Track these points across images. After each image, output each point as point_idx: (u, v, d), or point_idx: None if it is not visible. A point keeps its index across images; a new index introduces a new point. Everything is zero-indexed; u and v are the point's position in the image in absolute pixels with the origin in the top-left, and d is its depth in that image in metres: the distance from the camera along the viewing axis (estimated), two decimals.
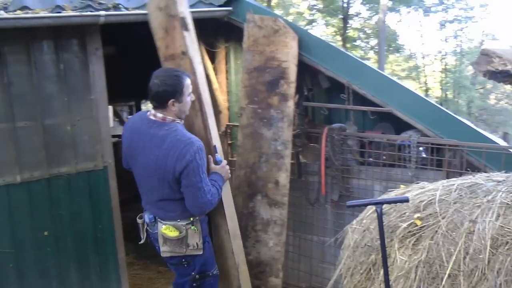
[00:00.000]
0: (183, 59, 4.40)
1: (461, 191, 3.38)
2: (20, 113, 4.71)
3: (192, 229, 3.89)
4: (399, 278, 3.24)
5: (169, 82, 3.75)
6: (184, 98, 3.84)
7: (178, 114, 3.90)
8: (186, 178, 3.70)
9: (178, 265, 4.05)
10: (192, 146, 3.68)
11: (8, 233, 4.75)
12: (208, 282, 4.11)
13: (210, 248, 4.14)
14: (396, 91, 4.93)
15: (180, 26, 4.36)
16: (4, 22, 4.30)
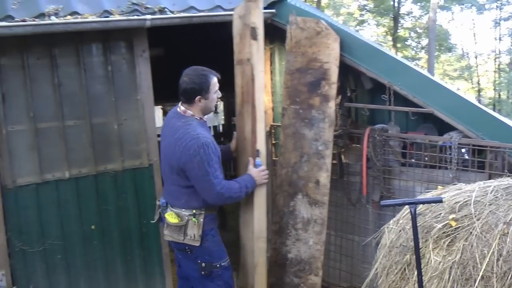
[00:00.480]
0: (247, 65, 4.64)
1: (497, 192, 3.39)
2: (69, 112, 4.95)
3: (193, 220, 4.11)
4: (433, 279, 3.28)
5: (197, 80, 4.04)
6: (210, 95, 4.12)
7: (204, 110, 4.20)
8: (192, 172, 3.97)
9: (182, 251, 4.27)
10: (198, 141, 3.91)
11: (57, 226, 4.98)
12: (217, 273, 4.25)
13: (216, 242, 4.28)
14: (437, 92, 4.91)
15: (249, 35, 4.60)
16: (55, 27, 4.53)
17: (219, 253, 4.30)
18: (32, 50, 4.74)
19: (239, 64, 4.81)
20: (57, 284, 5.06)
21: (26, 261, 4.89)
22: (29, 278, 4.92)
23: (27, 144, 4.80)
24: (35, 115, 4.79)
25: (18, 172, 4.79)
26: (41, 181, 4.88)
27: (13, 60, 4.69)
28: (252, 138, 4.57)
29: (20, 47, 4.68)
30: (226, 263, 4.33)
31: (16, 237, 4.81)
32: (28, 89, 4.75)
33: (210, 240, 4.21)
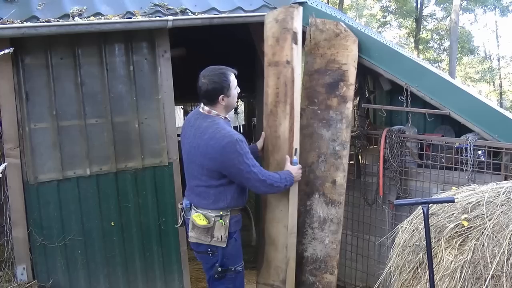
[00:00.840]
0: (286, 67, 4.77)
1: (509, 193, 3.43)
2: (92, 111, 5.05)
3: (220, 222, 4.12)
4: (444, 277, 3.32)
5: (217, 79, 4.05)
6: (231, 92, 4.14)
7: (227, 108, 4.22)
8: (232, 169, 4.01)
9: (203, 254, 4.28)
10: (232, 139, 3.94)
11: (78, 222, 5.08)
12: (230, 276, 4.28)
13: (236, 246, 4.30)
14: (453, 94, 4.94)
15: (291, 39, 4.75)
16: (79, 27, 4.62)
17: (236, 257, 4.34)
18: (56, 50, 4.84)
19: (273, 65, 4.94)
20: (77, 279, 5.15)
21: (47, 256, 4.99)
22: (50, 272, 5.01)
23: (50, 142, 4.90)
24: (57, 113, 4.89)
25: (40, 169, 4.89)
26: (62, 178, 4.98)
27: (37, 59, 4.79)
28: (289, 136, 4.71)
29: (45, 46, 4.78)
30: (240, 268, 4.37)
31: (37, 232, 4.91)
32: (51, 88, 4.85)
33: (232, 243, 4.23)
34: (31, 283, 4.87)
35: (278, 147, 4.84)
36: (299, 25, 4.83)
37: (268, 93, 4.97)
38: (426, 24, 32.46)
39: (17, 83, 4.73)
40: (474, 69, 35.50)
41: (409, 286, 3.60)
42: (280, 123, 4.82)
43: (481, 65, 35.46)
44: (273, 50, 4.96)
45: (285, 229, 4.79)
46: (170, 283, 5.65)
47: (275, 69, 4.92)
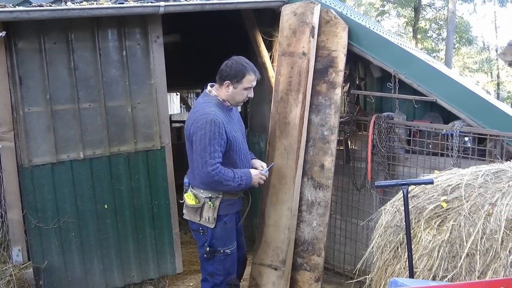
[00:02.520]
0: (302, 58, 5.07)
1: (487, 176, 3.52)
2: (85, 95, 5.11)
3: (209, 203, 4.26)
4: (423, 256, 3.42)
5: (234, 67, 4.21)
6: (239, 86, 4.24)
7: (229, 98, 4.31)
8: (194, 144, 4.10)
9: (196, 232, 4.45)
10: (208, 117, 4.04)
11: (72, 205, 5.17)
12: (219, 258, 4.40)
13: (227, 229, 4.40)
14: (440, 81, 5.03)
15: (309, 32, 5.06)
16: (71, 12, 4.67)
17: (226, 240, 4.43)
18: (49, 35, 4.89)
19: (288, 55, 5.18)
20: (71, 260, 5.24)
21: (42, 238, 5.07)
22: (44, 254, 5.09)
23: (44, 125, 4.96)
24: (51, 97, 4.95)
25: (35, 152, 4.95)
26: (56, 161, 5.05)
27: (30, 43, 4.83)
28: (300, 124, 4.99)
29: (38, 31, 4.83)
30: (230, 251, 4.46)
31: (32, 215, 4.98)
32: (45, 72, 4.90)
33: (221, 226, 4.35)
34: (26, 264, 4.94)
35: (287, 133, 5.05)
36: (317, 20, 5.12)
37: (280, 81, 5.16)
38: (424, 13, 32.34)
39: (10, 67, 4.76)
40: (472, 59, 35.43)
41: (390, 265, 3.70)
42: (291, 110, 5.06)
43: (479, 55, 35.40)
44: (289, 41, 5.20)
45: (288, 211, 5.02)
46: (162, 264, 5.76)
47: (289, 59, 5.15)
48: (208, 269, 4.47)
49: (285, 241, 5.02)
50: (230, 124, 4.27)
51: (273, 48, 6.43)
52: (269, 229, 5.09)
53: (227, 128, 4.16)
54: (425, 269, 3.40)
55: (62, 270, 5.21)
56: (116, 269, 5.51)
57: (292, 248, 5.08)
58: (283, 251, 5.02)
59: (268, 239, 5.13)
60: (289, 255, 5.04)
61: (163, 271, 5.80)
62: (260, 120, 7.03)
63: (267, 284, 5.14)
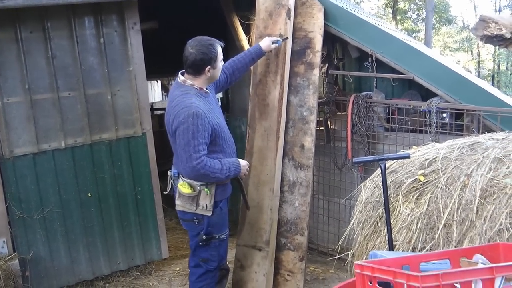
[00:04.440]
0: None
1: (463, 149, 3.58)
2: (64, 84, 5.10)
3: (205, 190, 4.16)
4: (402, 229, 3.49)
5: (205, 50, 4.06)
6: (217, 64, 4.18)
7: (210, 79, 4.26)
8: (177, 139, 4.01)
9: (189, 222, 4.34)
10: (189, 110, 3.92)
11: (55, 194, 5.17)
12: (214, 244, 4.38)
13: (222, 214, 4.37)
14: (417, 59, 5.08)
15: (285, 14, 5.09)
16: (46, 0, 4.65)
17: (221, 225, 4.42)
18: (25, 24, 4.85)
19: None
20: (57, 250, 5.26)
21: (26, 229, 5.07)
22: (30, 245, 5.10)
23: (24, 116, 4.95)
24: (30, 87, 4.93)
25: (15, 143, 4.93)
26: (38, 151, 5.04)
27: (6, 33, 4.80)
28: (279, 105, 5.03)
29: (13, 20, 4.79)
30: (225, 236, 4.47)
31: (15, 206, 4.98)
32: (22, 61, 4.87)
33: (217, 212, 4.30)
34: (11, 256, 4.93)
35: (266, 115, 5.10)
36: (293, 2, 5.15)
37: (257, 63, 5.14)
38: None
39: None
40: (452, 38, 35.61)
41: (370, 240, 3.78)
42: (270, 92, 5.09)
43: (459, 34, 35.57)
44: (265, 24, 5.22)
45: (270, 192, 5.06)
46: (148, 250, 5.80)
47: None
48: (202, 255, 4.43)
49: (268, 222, 5.07)
50: (212, 112, 4.18)
51: (251, 32, 6.45)
52: (252, 210, 5.11)
53: (209, 118, 4.07)
54: (404, 241, 3.47)
55: (48, 260, 5.22)
56: (102, 257, 5.54)
57: (276, 229, 5.13)
58: (267, 232, 5.07)
59: (251, 220, 5.18)
60: (273, 235, 5.09)
61: (149, 257, 5.85)
62: (241, 104, 7.07)
63: (252, 265, 5.19)
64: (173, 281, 5.83)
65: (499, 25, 3.90)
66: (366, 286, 2.38)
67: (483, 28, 4.02)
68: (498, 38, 3.95)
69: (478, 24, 4.11)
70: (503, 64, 32.39)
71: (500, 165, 3.31)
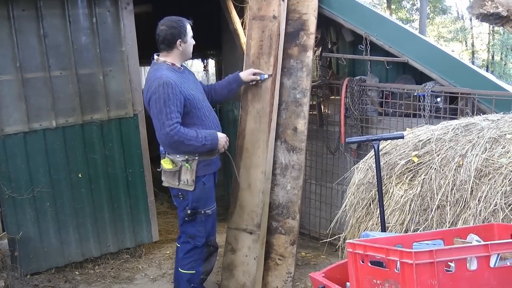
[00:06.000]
0: (272, 22, 5.04)
1: (457, 130, 3.57)
2: (56, 63, 5.06)
3: (186, 166, 4.29)
4: (395, 211, 3.48)
5: (175, 25, 4.28)
6: (187, 38, 4.35)
7: (183, 54, 4.42)
8: (150, 109, 4.17)
9: (176, 197, 4.50)
10: (159, 80, 4.08)
11: (46, 174, 5.13)
12: (200, 219, 4.47)
13: (205, 189, 4.45)
14: (411, 42, 5.06)
15: None
16: None
17: (207, 200, 4.49)
18: (17, 1, 4.79)
19: (258, 19, 5.14)
20: (46, 230, 5.23)
21: (16, 208, 5.03)
22: (19, 225, 5.06)
23: (15, 94, 4.90)
24: (21, 66, 4.88)
25: (6, 121, 4.89)
26: (28, 130, 4.99)
27: None
28: (272, 87, 4.98)
29: None
30: (211, 211, 4.53)
31: (5, 185, 4.94)
32: (14, 39, 4.82)
33: (200, 187, 4.39)
34: (0, 235, 4.90)
35: (259, 96, 5.04)
36: None
37: (251, 45, 5.13)
38: None
39: None
40: (446, 28, 35.58)
41: (362, 222, 3.76)
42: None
43: (453, 24, 35.57)
44: (259, 5, 5.15)
45: (262, 175, 5.02)
46: (138, 233, 5.78)
47: (260, 23, 5.12)
48: (189, 231, 4.52)
49: (259, 205, 5.03)
50: (186, 84, 4.30)
51: (245, 15, 6.40)
52: (244, 193, 5.10)
53: (182, 88, 4.19)
54: (397, 223, 3.46)
55: (38, 241, 5.19)
56: (92, 239, 5.51)
57: (267, 212, 5.10)
58: (258, 215, 5.04)
59: (242, 203, 5.15)
60: (264, 218, 5.06)
61: (139, 240, 5.83)
62: None
63: (242, 248, 5.16)
64: (163, 264, 5.81)
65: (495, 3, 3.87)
66: (358, 265, 2.37)
67: (479, 7, 4.00)
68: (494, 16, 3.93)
69: (474, 3, 4.08)
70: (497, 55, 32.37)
71: (495, 145, 3.30)
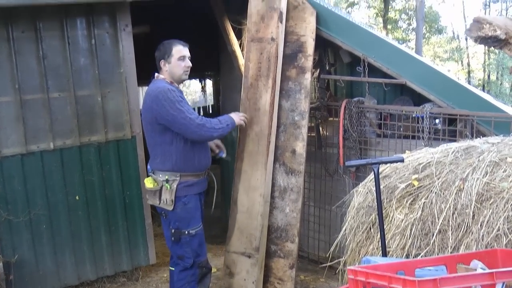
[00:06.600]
0: (270, 44, 5.05)
1: (457, 153, 3.55)
2: (54, 85, 5.05)
3: (166, 186, 4.38)
4: (395, 236, 3.45)
5: (160, 47, 4.47)
6: (172, 59, 4.43)
7: (170, 75, 4.48)
8: (168, 116, 4.23)
9: (161, 215, 4.59)
10: (163, 89, 4.23)
11: (43, 196, 5.09)
12: (184, 239, 4.50)
13: (187, 209, 4.48)
14: (409, 63, 5.07)
15: (277, 18, 5.03)
16: None
17: (189, 220, 4.51)
18: (17, 23, 4.80)
19: (256, 41, 5.15)
20: (42, 254, 5.17)
21: (12, 231, 4.98)
22: (15, 247, 5.01)
23: (13, 116, 4.87)
24: (20, 87, 4.86)
25: (4, 143, 4.86)
26: (26, 152, 4.96)
27: None
28: (270, 109, 4.98)
29: (5, 20, 4.73)
30: (195, 232, 4.54)
31: (1, 207, 4.89)
32: (13, 61, 4.81)
33: (180, 207, 4.44)
34: None
35: (258, 119, 5.04)
36: (285, 5, 5.11)
37: (249, 67, 5.15)
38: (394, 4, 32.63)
39: None
40: (442, 48, 35.76)
41: (363, 246, 3.73)
42: (261, 96, 5.04)
43: (449, 44, 35.76)
44: (257, 27, 5.17)
45: (261, 198, 5.00)
46: (135, 256, 5.72)
47: (258, 45, 5.13)
48: (178, 252, 4.57)
49: (258, 228, 5.00)
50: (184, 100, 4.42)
51: (243, 36, 6.42)
52: (242, 216, 5.07)
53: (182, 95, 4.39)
54: (398, 248, 3.43)
55: (33, 264, 5.13)
56: (89, 262, 5.45)
57: (266, 235, 5.08)
58: (257, 238, 5.01)
59: (241, 226, 5.12)
60: (263, 242, 5.04)
61: (136, 263, 5.77)
62: (232, 109, 6.98)
63: (241, 272, 5.13)
64: (160, 287, 5.75)
65: (493, 26, 3.87)
66: None
67: (477, 29, 4.00)
68: (492, 39, 3.94)
69: (472, 26, 4.08)
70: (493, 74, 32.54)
71: (496, 168, 3.28)
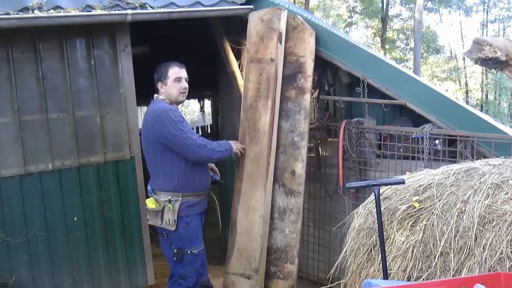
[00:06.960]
0: (270, 64, 5.08)
1: (458, 175, 3.53)
2: (53, 105, 5.05)
3: (168, 206, 4.40)
4: (397, 258, 3.42)
5: (158, 70, 4.57)
6: (168, 81, 4.52)
7: (168, 96, 4.54)
8: (169, 135, 4.28)
9: (161, 235, 4.58)
10: (165, 109, 4.29)
11: (41, 217, 5.07)
12: (187, 259, 4.50)
13: (190, 229, 4.50)
14: (408, 84, 5.08)
15: (277, 39, 5.07)
16: (39, 20, 4.61)
17: (192, 240, 4.52)
18: (16, 44, 4.82)
19: (256, 62, 5.19)
20: (40, 275, 5.13)
21: (9, 253, 4.95)
22: (12, 269, 4.97)
23: (12, 136, 4.87)
24: (19, 108, 4.86)
25: (3, 164, 4.84)
26: (24, 173, 4.94)
27: None
28: (269, 130, 5.01)
29: (5, 40, 4.75)
30: (197, 251, 4.53)
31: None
32: (12, 82, 4.82)
33: (183, 227, 4.44)
34: None
35: (257, 140, 5.05)
36: (284, 26, 5.14)
37: (248, 87, 5.17)
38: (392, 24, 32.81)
39: None
40: (440, 68, 35.90)
41: (363, 268, 3.69)
42: (260, 117, 5.06)
43: (447, 64, 35.90)
44: (257, 48, 5.21)
45: (260, 219, 5.00)
46: (133, 277, 5.68)
47: (257, 66, 5.16)
48: (180, 272, 4.56)
49: (257, 249, 4.98)
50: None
51: (242, 57, 6.42)
52: (241, 237, 5.06)
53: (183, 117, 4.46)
54: (399, 270, 3.40)
55: (31, 285, 5.09)
56: (87, 283, 5.40)
57: (265, 256, 5.06)
58: (256, 260, 4.99)
59: (240, 247, 5.10)
60: (262, 263, 5.01)
61: (134, 284, 5.72)
62: (231, 129, 7.02)
63: None
64: None
65: (493, 47, 3.87)
66: None
67: (478, 51, 4.00)
68: (493, 61, 3.93)
69: (473, 47, 4.08)
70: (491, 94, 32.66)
71: (498, 191, 3.26)
